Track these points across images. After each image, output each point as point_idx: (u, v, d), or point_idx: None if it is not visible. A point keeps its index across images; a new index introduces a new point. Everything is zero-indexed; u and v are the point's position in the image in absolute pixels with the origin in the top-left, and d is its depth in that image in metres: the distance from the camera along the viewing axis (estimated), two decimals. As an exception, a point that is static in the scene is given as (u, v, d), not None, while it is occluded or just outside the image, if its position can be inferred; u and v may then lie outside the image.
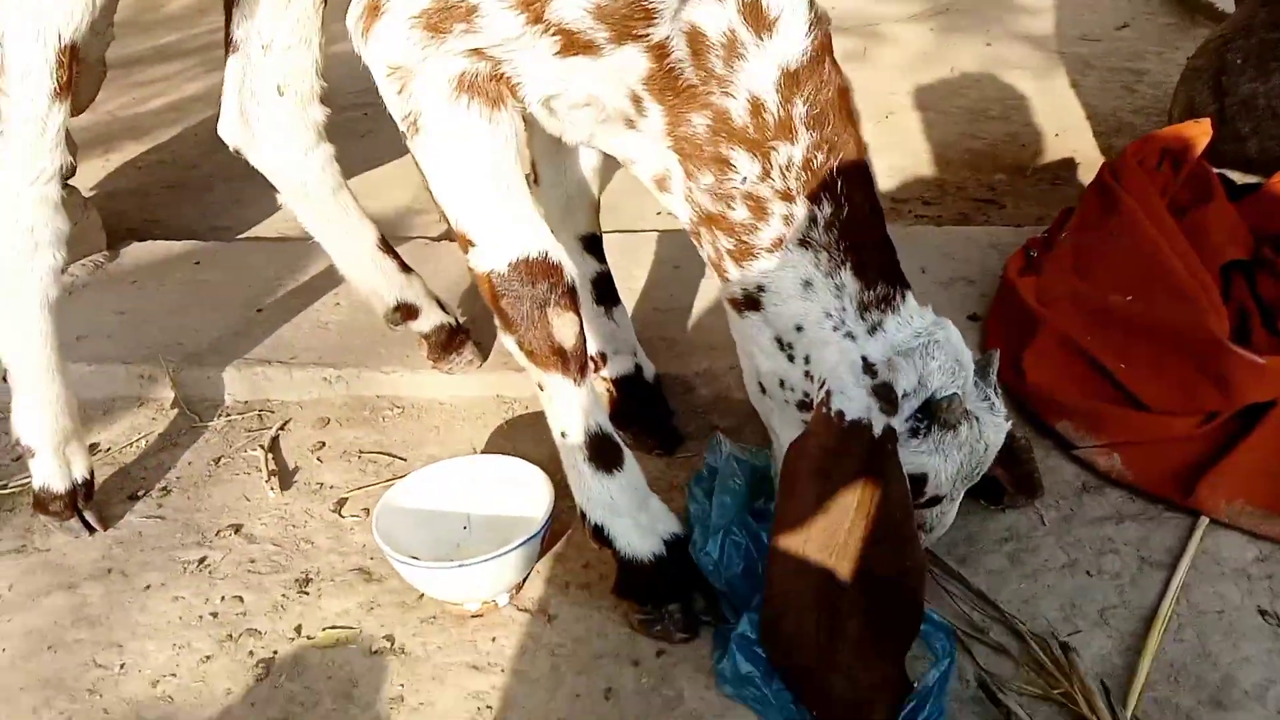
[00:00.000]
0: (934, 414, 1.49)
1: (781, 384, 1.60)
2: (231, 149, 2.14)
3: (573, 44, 1.39)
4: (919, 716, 1.44)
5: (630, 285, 2.56)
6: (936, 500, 1.58)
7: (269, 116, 2.07)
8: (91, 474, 2.01)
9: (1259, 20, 2.67)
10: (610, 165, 1.98)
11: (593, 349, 2.04)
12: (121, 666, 1.66)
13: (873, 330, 1.50)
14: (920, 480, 1.52)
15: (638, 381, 2.06)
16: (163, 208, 3.73)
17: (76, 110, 3.02)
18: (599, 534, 1.67)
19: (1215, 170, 2.34)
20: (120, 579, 1.84)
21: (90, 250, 2.92)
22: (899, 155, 3.70)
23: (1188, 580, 1.70)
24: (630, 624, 1.66)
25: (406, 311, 2.25)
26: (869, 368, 1.48)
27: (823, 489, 1.43)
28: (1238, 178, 2.45)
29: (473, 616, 1.70)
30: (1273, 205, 2.18)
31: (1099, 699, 1.47)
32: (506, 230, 1.51)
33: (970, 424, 1.52)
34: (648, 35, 1.38)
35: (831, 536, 1.43)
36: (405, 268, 2.27)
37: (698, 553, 1.67)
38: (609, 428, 1.65)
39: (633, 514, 1.65)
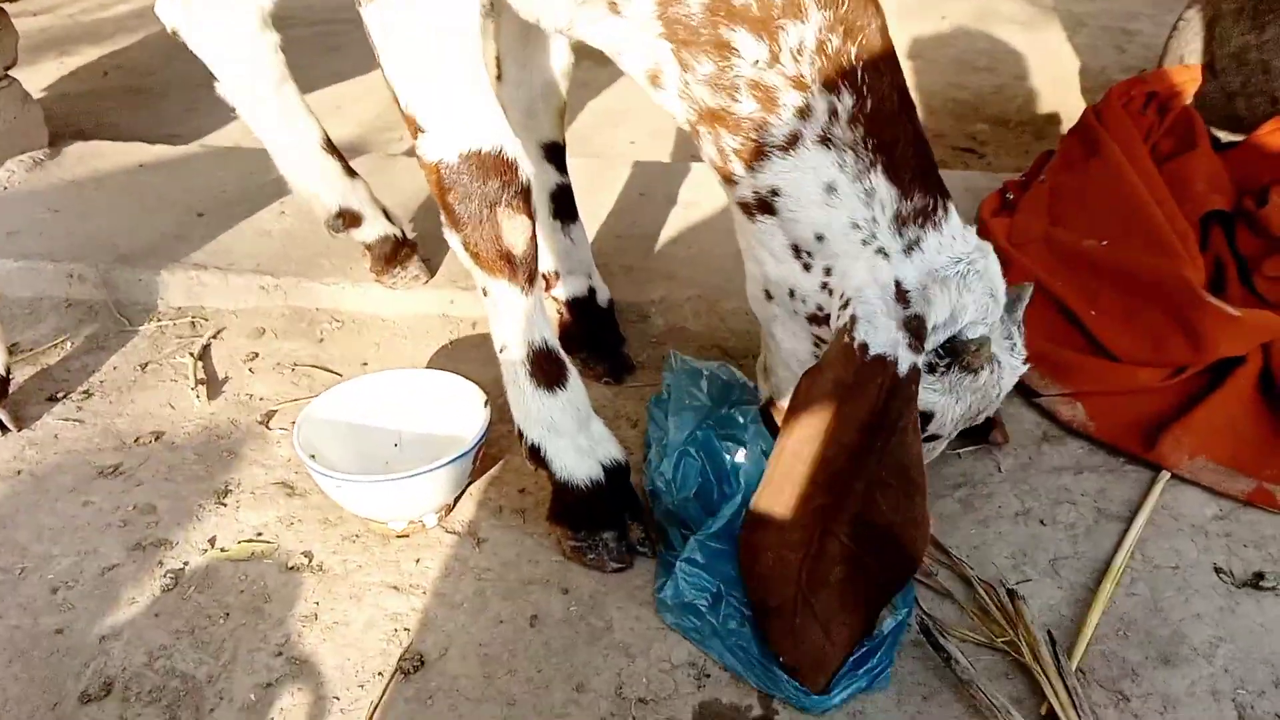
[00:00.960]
0: (958, 353, 1.34)
1: (791, 294, 1.43)
2: (169, 29, 2.00)
3: None
4: (869, 662, 1.37)
5: (593, 210, 2.46)
6: (933, 439, 1.48)
7: None
8: (8, 371, 1.91)
9: (1257, -28, 2.57)
10: (581, 83, 1.87)
11: (545, 266, 1.94)
12: (21, 571, 1.57)
13: (909, 249, 1.33)
14: (925, 418, 1.40)
15: (590, 305, 1.97)
16: (115, 112, 3.58)
17: (17, -5, 2.86)
18: (535, 454, 1.58)
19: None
20: (30, 480, 1.74)
21: (30, 147, 2.78)
22: (881, 100, 3.59)
23: (1144, 535, 1.63)
24: (563, 551, 1.58)
25: (349, 219, 2.13)
26: (902, 295, 1.32)
27: (833, 426, 1.31)
28: (1224, 137, 2.37)
29: (397, 536, 1.61)
30: (1257, 157, 2.10)
31: (1044, 649, 1.40)
32: (460, 117, 1.37)
33: (990, 368, 1.38)
34: None
35: (833, 477, 1.32)
36: (351, 172, 2.14)
37: (651, 471, 1.58)
38: (555, 344, 1.55)
39: (572, 435, 1.55)
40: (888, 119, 1.30)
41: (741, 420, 1.61)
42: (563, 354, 1.56)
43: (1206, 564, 1.59)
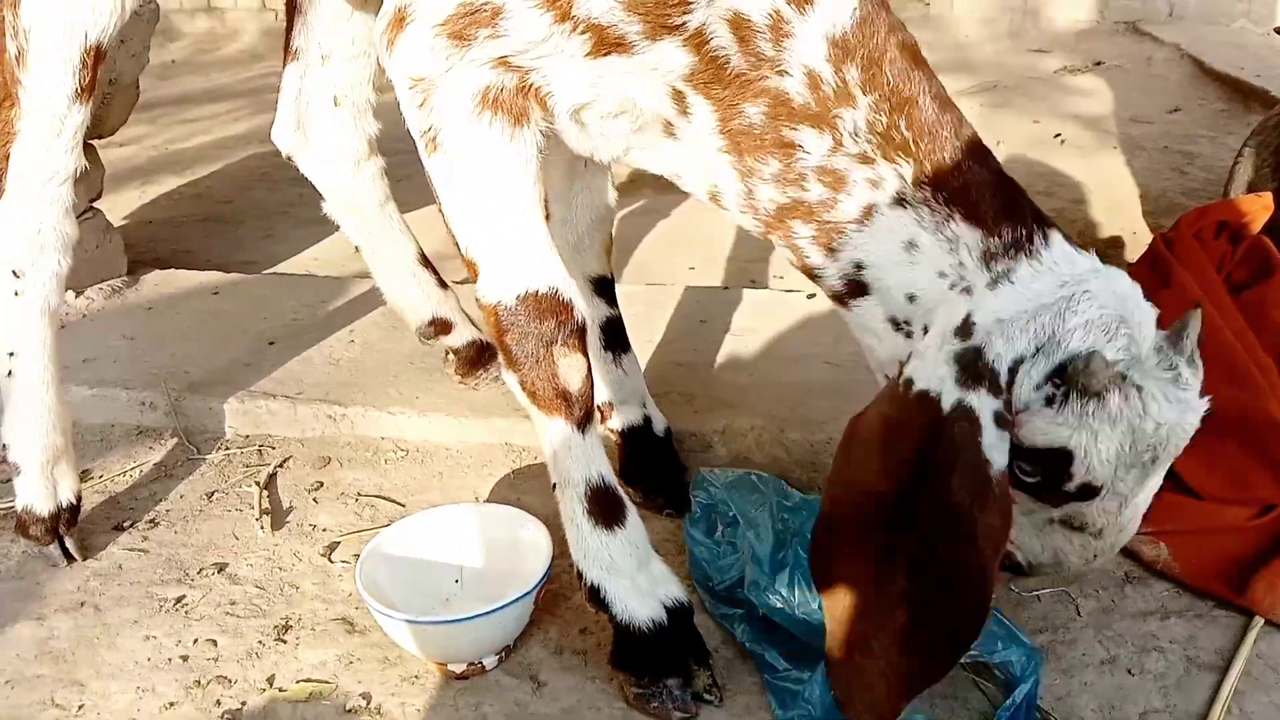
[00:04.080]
0: (1071, 378, 1.25)
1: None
2: (284, 155, 2.16)
3: (603, 42, 1.31)
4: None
5: (652, 338, 2.47)
6: (1093, 491, 1.31)
7: (323, 125, 2.09)
8: (78, 499, 1.93)
9: (1323, 99, 2.56)
10: (641, 210, 1.90)
11: (599, 398, 1.94)
12: (80, 708, 1.55)
13: (995, 281, 1.29)
14: (1063, 459, 1.28)
15: (646, 434, 1.95)
16: (192, 239, 3.71)
17: (107, 132, 3.02)
18: (595, 595, 1.54)
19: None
20: (92, 613, 1.74)
21: (110, 275, 2.88)
22: (940, 224, 3.60)
23: (1240, 686, 1.54)
24: (626, 698, 1.53)
25: (440, 326, 2.26)
26: (965, 328, 1.28)
27: (881, 463, 1.28)
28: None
29: (457, 678, 1.57)
30: (1337, 287, 2.04)
31: (1139, 814, 1.32)
32: (517, 261, 1.42)
33: (1124, 393, 1.25)
34: (684, 25, 1.29)
35: (890, 511, 1.26)
36: (442, 283, 2.29)
37: (761, 593, 1.52)
38: (612, 480, 1.54)
39: (632, 575, 1.52)
40: (958, 168, 1.31)
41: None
42: (620, 491, 1.55)
43: (1311, 722, 1.49)
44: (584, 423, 1.48)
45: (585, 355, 1.46)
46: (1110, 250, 3.38)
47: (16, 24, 1.66)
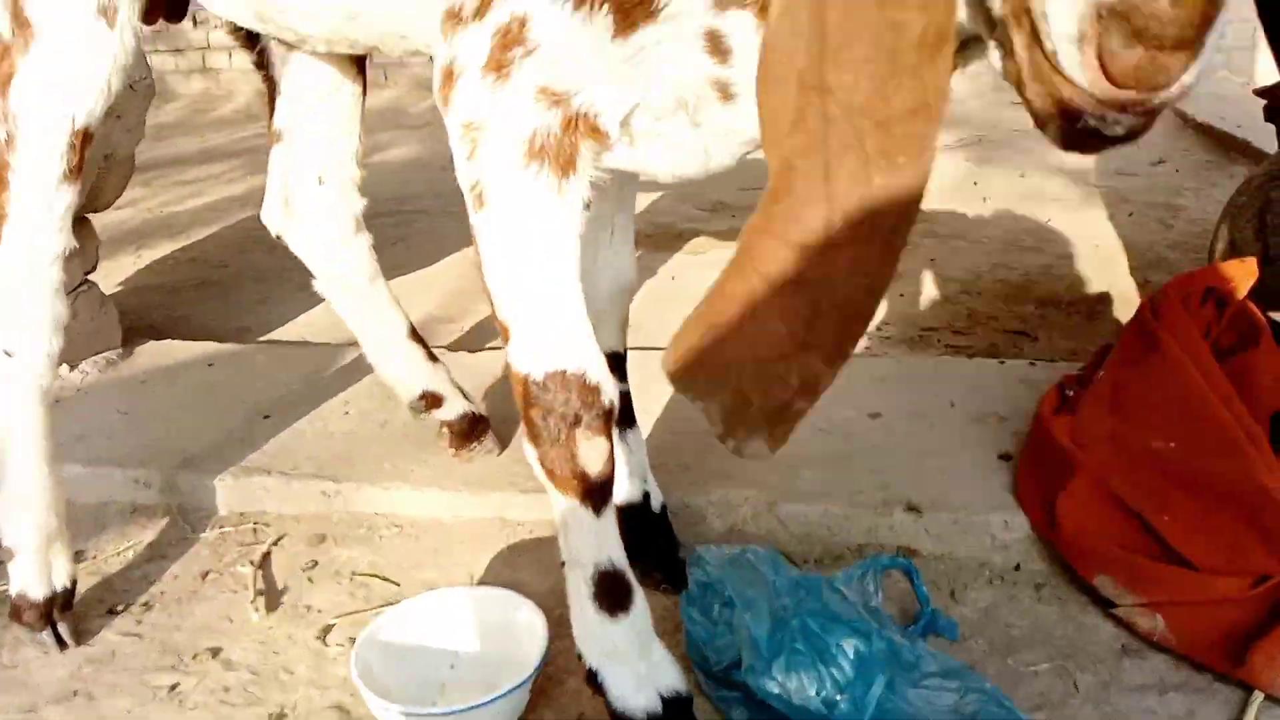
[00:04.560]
0: None
1: None
2: (273, 234, 2.18)
3: (624, 9, 1.26)
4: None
5: (647, 405, 2.46)
6: None
7: (310, 205, 2.12)
8: (73, 583, 1.92)
9: (1303, 161, 2.60)
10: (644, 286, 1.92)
11: (600, 474, 1.94)
12: (72, 803, 1.54)
13: None
14: None
15: (644, 511, 1.96)
16: (187, 305, 3.73)
17: (102, 206, 3.04)
18: (593, 679, 1.54)
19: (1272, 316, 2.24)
20: (84, 703, 1.73)
21: (105, 347, 2.89)
22: (930, 284, 3.63)
23: (1240, 763, 1.54)
24: (620, 785, 1.52)
25: (431, 400, 2.27)
26: None
27: None
28: (1283, 320, 2.35)
29: (453, 765, 1.56)
30: (1323, 352, 2.06)
31: None
32: (550, 336, 1.40)
33: None
34: None
35: None
36: (432, 356, 2.30)
37: (758, 677, 1.50)
38: (623, 565, 1.53)
39: (633, 663, 1.52)
40: None
41: (829, 596, 1.58)
42: (630, 576, 1.54)
43: (1313, 800, 1.48)
44: (600, 505, 1.47)
45: (609, 439, 1.45)
46: (1099, 307, 3.41)
47: (5, 109, 1.69)
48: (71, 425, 2.46)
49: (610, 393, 1.43)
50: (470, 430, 2.26)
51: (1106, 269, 3.69)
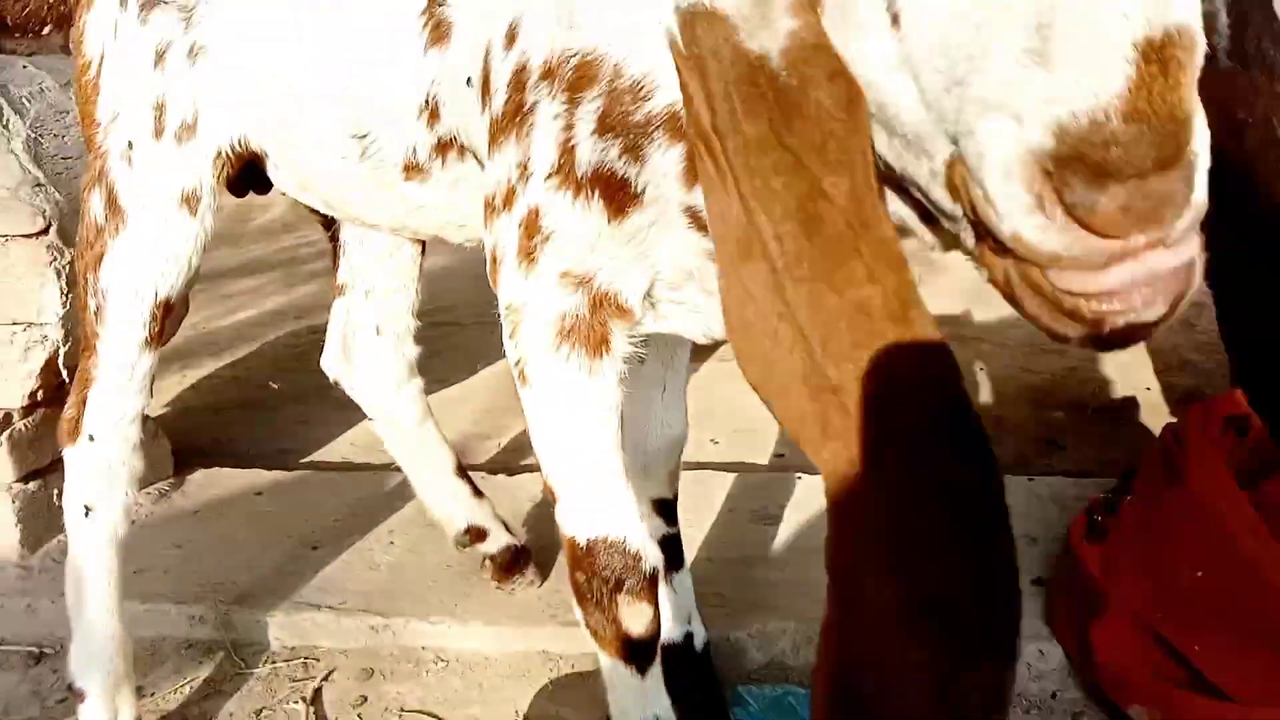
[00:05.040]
0: None
1: None
2: (331, 380, 2.33)
3: (610, 194, 1.34)
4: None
5: (682, 532, 2.53)
6: None
7: (367, 354, 2.27)
8: (137, 721, 1.99)
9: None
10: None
11: (646, 614, 2.00)
12: None
13: None
14: None
15: (688, 650, 2.01)
16: (234, 427, 3.84)
17: (165, 336, 3.17)
18: (639, 826, 1.58)
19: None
20: None
21: (158, 477, 3.00)
22: (957, 389, 3.69)
23: None
24: None
25: (476, 534, 2.36)
26: None
27: None
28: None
29: None
30: (1346, 475, 2.10)
31: None
32: (590, 504, 1.49)
33: None
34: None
35: None
36: (477, 492, 2.40)
37: None
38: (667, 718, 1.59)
39: (677, 810, 1.56)
40: None
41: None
42: None
43: None
44: (644, 666, 1.53)
45: (653, 603, 1.51)
46: (1125, 413, 3.45)
47: (96, 285, 1.85)
48: (130, 560, 2.49)
49: (653, 559, 1.50)
50: (513, 563, 2.33)
51: (1130, 372, 3.74)
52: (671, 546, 1.99)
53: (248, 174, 1.85)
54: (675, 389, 1.94)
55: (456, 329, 4.73)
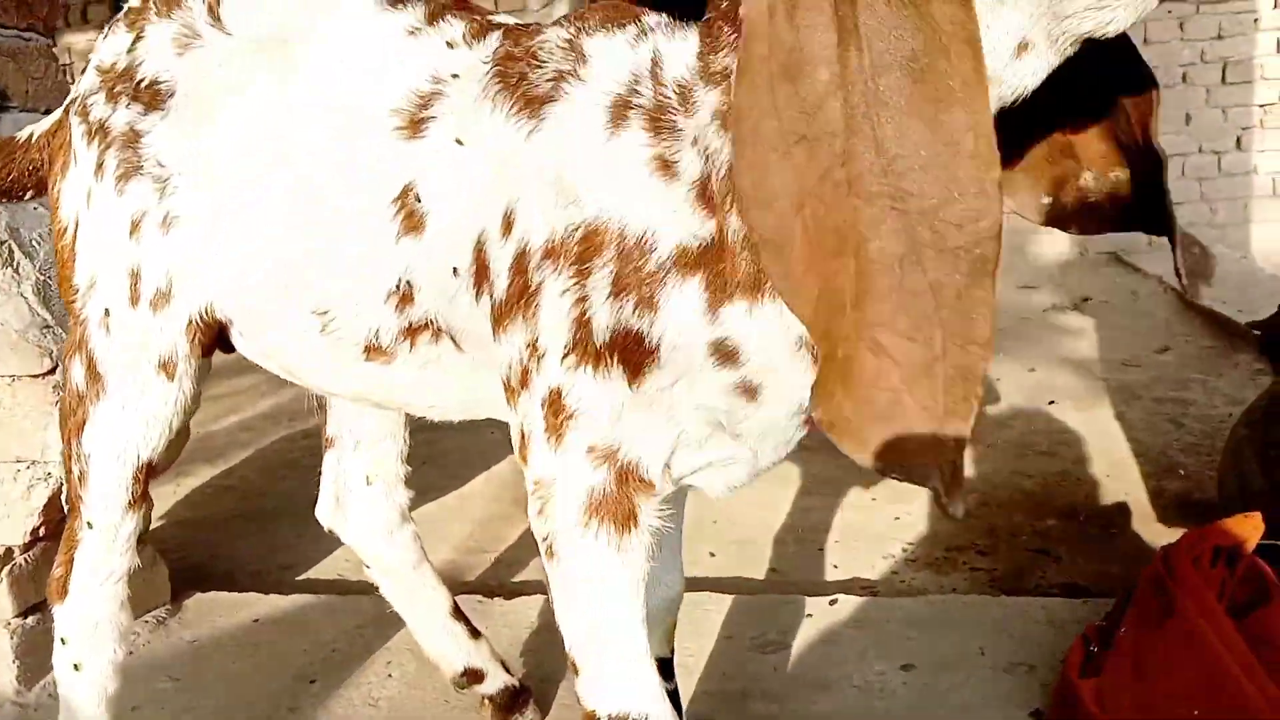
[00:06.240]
0: None
1: None
2: (325, 529, 2.33)
3: (628, 354, 1.39)
4: None
5: (680, 661, 2.54)
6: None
7: (359, 504, 2.28)
8: None
9: (1299, 394, 2.72)
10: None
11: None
12: None
13: None
14: None
15: (688, 796, 2.01)
16: (229, 542, 3.83)
17: (159, 472, 3.19)
18: None
19: (1270, 543, 2.32)
20: None
21: (156, 604, 3.00)
22: (949, 495, 3.72)
23: None
24: None
25: (473, 676, 2.34)
26: None
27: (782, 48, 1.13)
28: (1297, 552, 2.42)
29: None
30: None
31: None
32: (613, 680, 1.51)
33: None
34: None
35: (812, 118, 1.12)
36: (474, 633, 2.38)
37: None
38: None
39: None
40: None
41: None
42: None
43: None
44: None
45: None
46: (1117, 520, 3.48)
47: (79, 451, 1.88)
48: (127, 695, 2.50)
49: None
50: (511, 704, 2.33)
51: (1120, 475, 3.78)
52: (672, 700, 2.00)
53: (225, 338, 1.87)
54: (671, 547, 1.96)
55: (448, 433, 4.74)
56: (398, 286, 1.59)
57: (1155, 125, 1.41)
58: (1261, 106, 7.10)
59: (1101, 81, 1.41)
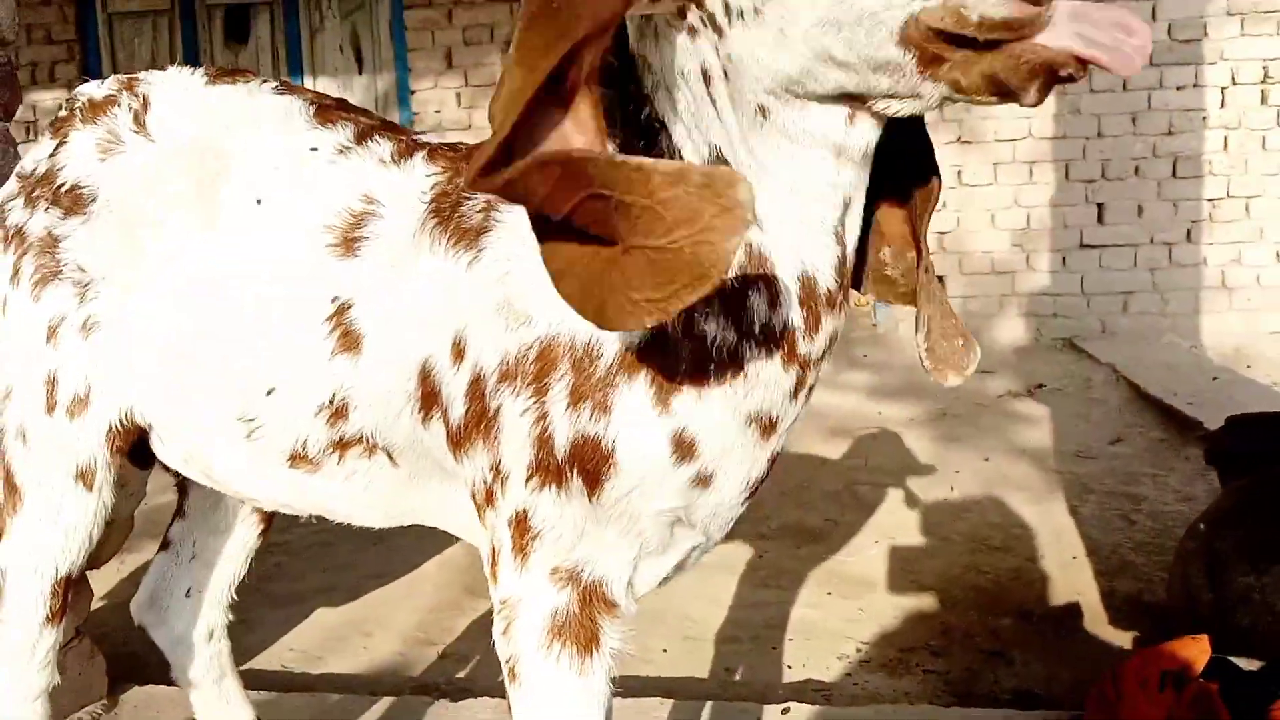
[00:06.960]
0: None
1: None
2: (136, 623, 2.26)
3: (585, 464, 1.38)
4: None
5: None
6: None
7: (174, 610, 2.21)
8: None
9: (1243, 508, 2.76)
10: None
11: None
12: None
13: None
14: None
15: None
16: (170, 627, 3.74)
17: (102, 562, 3.12)
18: None
19: (1217, 655, 2.34)
20: None
21: (91, 699, 2.90)
22: (905, 590, 3.73)
23: None
24: None
25: None
26: None
27: None
28: (1243, 664, 2.44)
29: None
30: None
31: None
32: None
33: None
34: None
35: None
36: None
37: None
38: None
39: None
40: None
41: None
42: None
43: None
44: None
45: None
46: (1069, 621, 3.50)
47: None
48: None
49: None
50: None
51: (1074, 574, 3.80)
52: None
53: (139, 451, 1.82)
54: None
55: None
56: (331, 401, 1.57)
57: (926, 220, 1.48)
58: (1210, 200, 7.31)
59: (904, 168, 1.48)
